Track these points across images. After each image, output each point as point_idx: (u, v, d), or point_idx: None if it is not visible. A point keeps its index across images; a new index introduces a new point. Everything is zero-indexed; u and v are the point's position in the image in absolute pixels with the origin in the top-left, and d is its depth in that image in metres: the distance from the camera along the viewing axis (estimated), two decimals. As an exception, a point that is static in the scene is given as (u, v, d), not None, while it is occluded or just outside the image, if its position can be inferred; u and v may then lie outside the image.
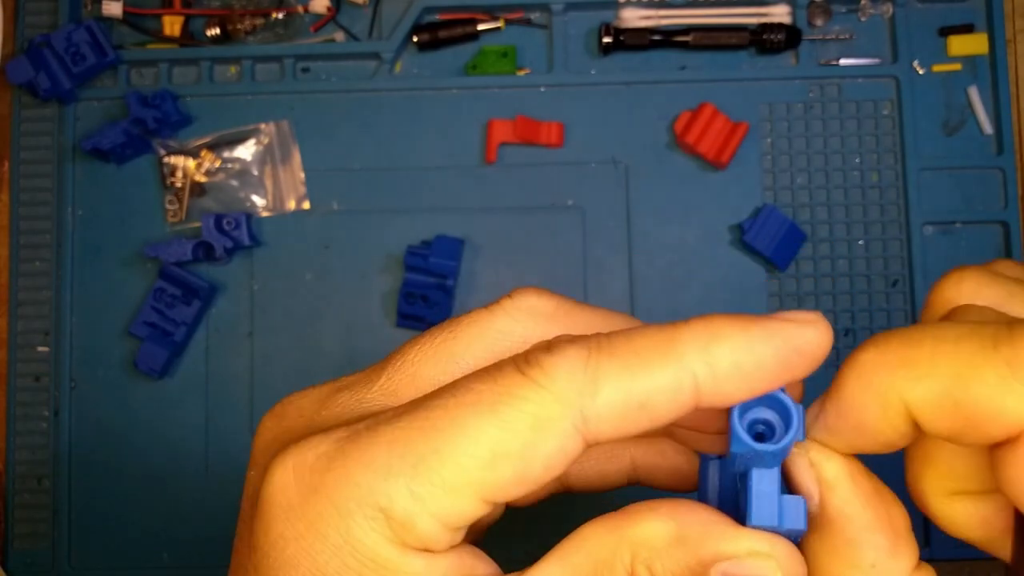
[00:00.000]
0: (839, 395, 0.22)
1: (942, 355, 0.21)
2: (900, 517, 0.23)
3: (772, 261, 0.59)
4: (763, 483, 0.22)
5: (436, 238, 0.59)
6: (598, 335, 0.22)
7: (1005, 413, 0.20)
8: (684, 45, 0.61)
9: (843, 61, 0.61)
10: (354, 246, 0.60)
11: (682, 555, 0.21)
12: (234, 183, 0.61)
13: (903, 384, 0.21)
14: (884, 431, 0.22)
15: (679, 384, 0.21)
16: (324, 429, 0.23)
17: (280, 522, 0.22)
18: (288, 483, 0.22)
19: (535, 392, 0.21)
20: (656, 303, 0.60)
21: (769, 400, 0.22)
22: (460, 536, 0.23)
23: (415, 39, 0.61)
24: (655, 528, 0.22)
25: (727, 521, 0.22)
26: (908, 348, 0.21)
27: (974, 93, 0.61)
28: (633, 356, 0.22)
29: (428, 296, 0.58)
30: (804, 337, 0.22)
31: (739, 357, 0.21)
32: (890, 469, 0.27)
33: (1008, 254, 0.60)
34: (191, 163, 0.60)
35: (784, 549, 0.22)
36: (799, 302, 0.60)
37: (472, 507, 0.22)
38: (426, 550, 0.22)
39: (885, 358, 0.21)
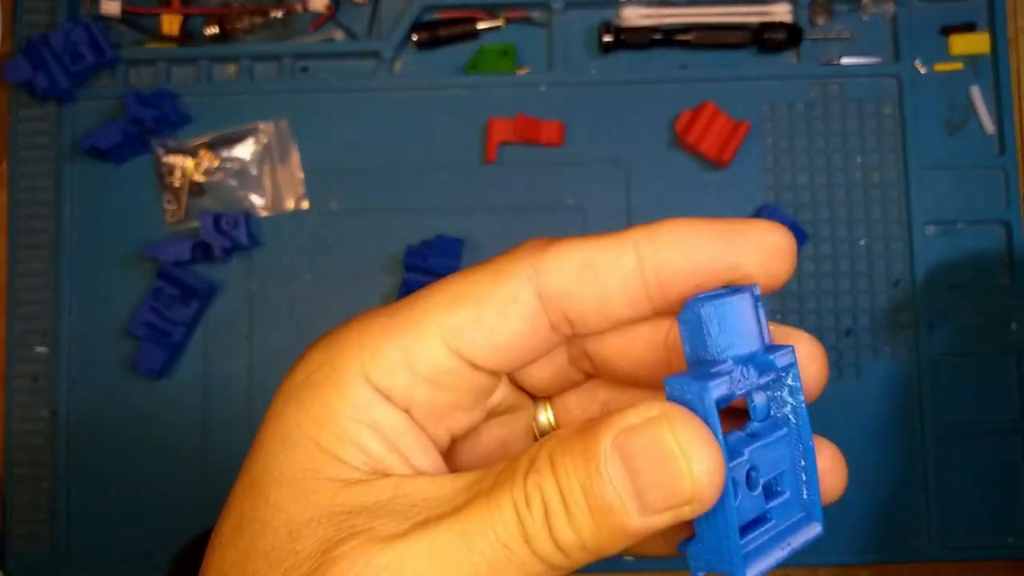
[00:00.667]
0: None
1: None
2: None
3: (773, 261, 0.59)
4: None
5: (436, 238, 0.58)
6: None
7: None
8: (685, 44, 0.60)
9: (844, 60, 0.61)
10: (353, 246, 0.60)
11: (580, 436, 0.22)
12: (233, 183, 0.60)
13: None
14: None
15: (621, 250, 0.24)
16: None
17: (285, 380, 0.26)
18: (301, 355, 0.26)
19: (503, 258, 0.25)
20: (657, 303, 0.60)
21: (728, 295, 0.22)
22: (427, 412, 0.25)
23: (415, 38, 0.61)
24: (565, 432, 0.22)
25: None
26: None
27: (976, 92, 0.61)
28: (588, 237, 0.25)
29: (428, 296, 0.57)
30: (751, 224, 0.23)
31: (678, 227, 0.24)
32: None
33: (1010, 254, 0.60)
34: (190, 162, 0.60)
35: (680, 414, 0.21)
36: (801, 301, 0.59)
37: (435, 349, 0.24)
38: (389, 399, 0.24)
39: None
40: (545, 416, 0.29)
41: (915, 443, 0.59)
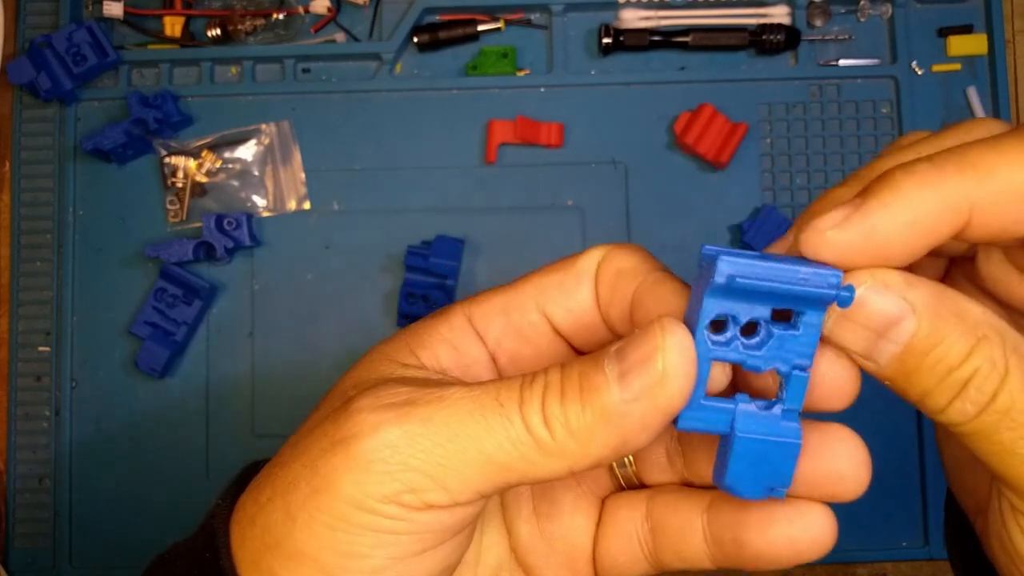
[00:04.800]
0: (890, 201, 0.24)
1: (996, 156, 0.23)
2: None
3: (771, 261, 0.59)
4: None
5: (436, 238, 0.59)
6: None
7: None
8: (683, 46, 0.61)
9: (842, 62, 0.61)
10: (354, 246, 0.61)
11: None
12: (235, 183, 0.61)
13: (968, 186, 0.23)
14: (937, 231, 0.24)
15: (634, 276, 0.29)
16: None
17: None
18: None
19: (582, 252, 0.30)
20: (656, 303, 0.60)
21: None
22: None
23: (415, 40, 0.61)
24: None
25: None
26: (961, 157, 0.24)
27: (973, 93, 0.61)
28: (633, 248, 0.29)
29: (428, 296, 0.58)
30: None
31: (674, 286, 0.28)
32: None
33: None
34: (192, 163, 0.60)
35: (671, 321, 0.25)
36: (798, 302, 0.60)
37: (526, 304, 0.30)
38: (483, 340, 0.30)
39: (942, 169, 0.24)
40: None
41: (912, 442, 0.59)
